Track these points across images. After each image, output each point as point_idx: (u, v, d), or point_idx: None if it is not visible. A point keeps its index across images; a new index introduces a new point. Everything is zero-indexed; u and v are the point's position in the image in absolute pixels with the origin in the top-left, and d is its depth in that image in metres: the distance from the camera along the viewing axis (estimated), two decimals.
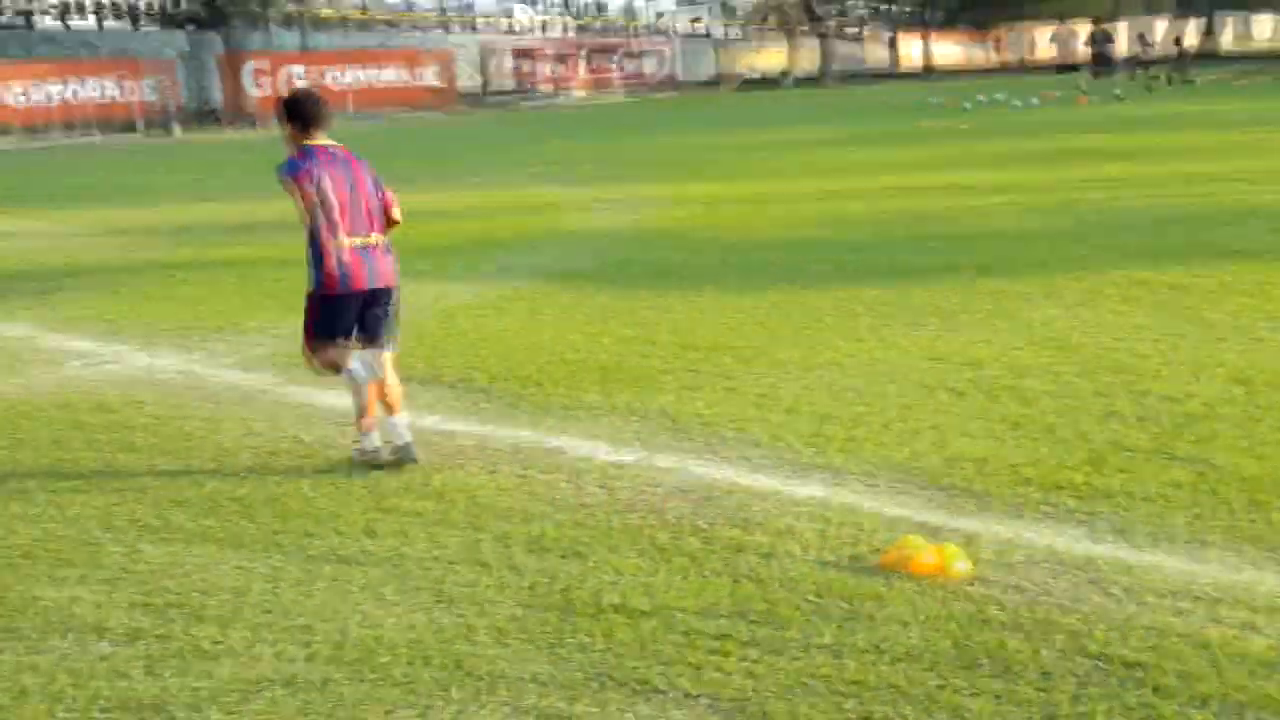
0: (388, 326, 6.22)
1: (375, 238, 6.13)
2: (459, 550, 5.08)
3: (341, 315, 6.10)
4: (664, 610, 4.45)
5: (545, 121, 36.28)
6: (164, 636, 4.42)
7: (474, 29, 57.70)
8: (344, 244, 5.98)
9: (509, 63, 51.84)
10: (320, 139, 6.14)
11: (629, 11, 67.71)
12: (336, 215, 5.97)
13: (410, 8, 57.09)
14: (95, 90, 37.72)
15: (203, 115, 37.81)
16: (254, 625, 4.48)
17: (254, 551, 5.15)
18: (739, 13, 75.59)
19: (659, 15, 71.06)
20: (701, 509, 5.42)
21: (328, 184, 5.98)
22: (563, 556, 4.97)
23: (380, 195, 6.18)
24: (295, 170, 5.99)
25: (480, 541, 5.16)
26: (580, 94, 51.03)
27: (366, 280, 6.06)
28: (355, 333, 6.17)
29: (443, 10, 57.95)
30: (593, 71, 53.56)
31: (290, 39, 46.86)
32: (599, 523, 5.32)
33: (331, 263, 5.96)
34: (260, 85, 41.14)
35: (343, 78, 43.35)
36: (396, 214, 6.26)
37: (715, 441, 6.38)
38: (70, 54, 40.78)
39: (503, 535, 5.21)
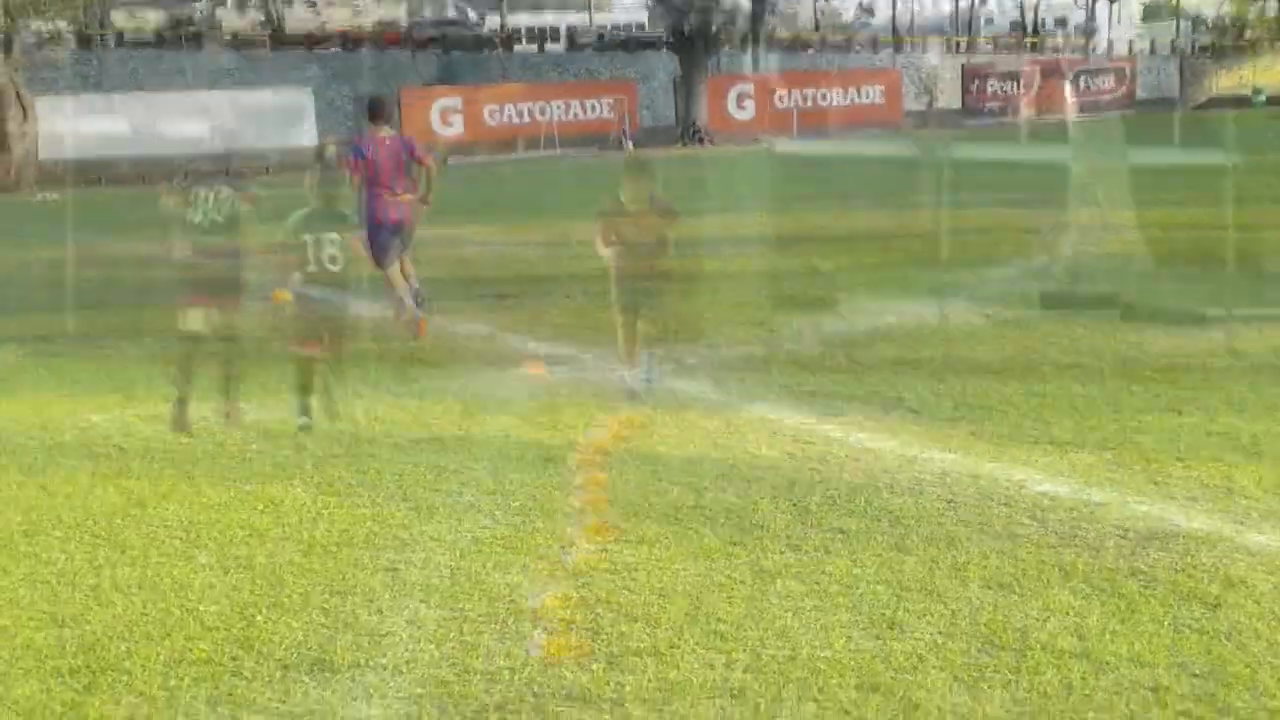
0: (408, 241, 10.48)
1: (405, 196, 10.33)
2: (913, 578, 4.97)
3: (382, 235, 10.17)
4: (1133, 660, 4.22)
5: (991, 140, 35.27)
6: (623, 634, 4.57)
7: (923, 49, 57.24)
8: (387, 199, 10.17)
9: (958, 83, 50.89)
10: (382, 130, 10.46)
11: (1088, 29, 64.93)
12: (383, 178, 10.15)
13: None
14: (562, 110, 40.03)
15: (691, 133, 39.64)
16: (706, 633, 4.56)
17: (711, 561, 5.23)
18: (1208, 27, 70.78)
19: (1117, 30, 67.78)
20: (1177, 559, 5.07)
21: (379, 158, 10.19)
22: (1021, 595, 4.77)
23: (413, 157, 10.45)
24: (355, 154, 10.29)
25: (935, 571, 5.03)
26: (1030, 113, 49.30)
27: (396, 218, 10.26)
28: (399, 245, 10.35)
29: (895, 30, 57.69)
30: (1044, 90, 51.55)
31: (732, 62, 48.03)
32: (1061, 562, 5.07)
33: (378, 206, 10.13)
34: (742, 106, 42.85)
35: (792, 98, 44.07)
36: (426, 160, 10.62)
37: (1196, 489, 5.94)
38: (551, 77, 43.84)
39: (958, 566, 5.06)
